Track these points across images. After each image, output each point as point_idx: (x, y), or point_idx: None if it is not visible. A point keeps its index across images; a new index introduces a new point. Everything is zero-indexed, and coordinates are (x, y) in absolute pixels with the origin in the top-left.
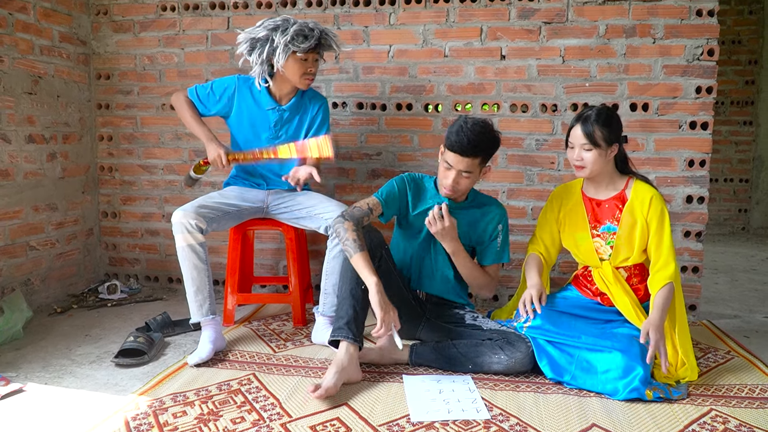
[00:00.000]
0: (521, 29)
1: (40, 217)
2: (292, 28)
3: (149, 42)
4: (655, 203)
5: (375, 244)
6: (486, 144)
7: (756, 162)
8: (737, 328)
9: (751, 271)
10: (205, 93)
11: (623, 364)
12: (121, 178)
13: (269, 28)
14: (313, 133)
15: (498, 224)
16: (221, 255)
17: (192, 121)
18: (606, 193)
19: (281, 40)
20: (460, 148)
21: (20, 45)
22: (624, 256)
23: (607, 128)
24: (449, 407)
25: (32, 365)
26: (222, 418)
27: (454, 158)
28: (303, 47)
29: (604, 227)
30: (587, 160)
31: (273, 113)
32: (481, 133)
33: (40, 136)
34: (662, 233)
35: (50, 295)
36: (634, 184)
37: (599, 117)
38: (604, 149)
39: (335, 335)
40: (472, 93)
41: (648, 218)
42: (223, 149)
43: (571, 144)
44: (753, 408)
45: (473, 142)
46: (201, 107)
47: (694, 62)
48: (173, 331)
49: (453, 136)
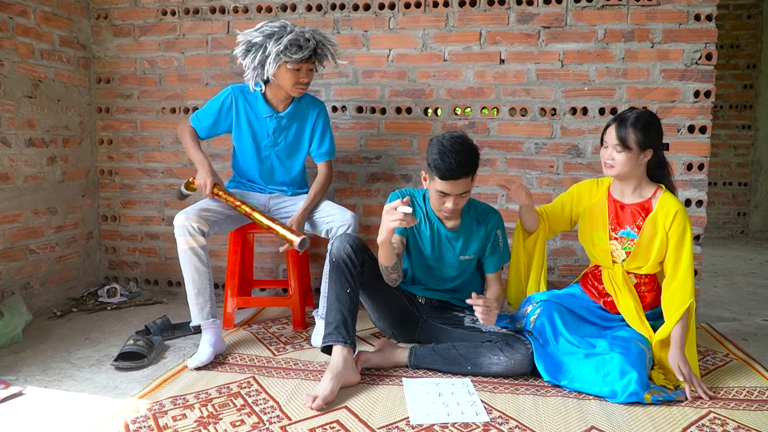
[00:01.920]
0: (520, 33)
1: (40, 220)
2: (287, 38)
3: (149, 46)
4: (679, 219)
5: (356, 248)
6: (473, 159)
7: (755, 166)
8: (736, 331)
9: (750, 275)
10: (204, 116)
11: (620, 367)
12: (121, 182)
13: (265, 34)
14: (317, 141)
15: (497, 230)
16: (221, 258)
17: (189, 147)
18: (631, 198)
19: (273, 49)
20: (452, 174)
21: (20, 49)
22: (638, 264)
23: (642, 132)
24: (448, 410)
25: (32, 368)
26: (222, 421)
27: (450, 186)
28: (295, 58)
29: (624, 231)
30: (617, 160)
31: (271, 120)
32: (464, 151)
33: (40, 139)
34: (681, 251)
35: (50, 298)
36: (661, 194)
37: (637, 120)
38: (636, 153)
39: (326, 341)
40: (471, 97)
41: (669, 233)
42: (211, 178)
43: (605, 143)
44: (751, 410)
45: (462, 162)
46: (205, 131)
47: (693, 66)
48: (173, 335)
49: (440, 163)
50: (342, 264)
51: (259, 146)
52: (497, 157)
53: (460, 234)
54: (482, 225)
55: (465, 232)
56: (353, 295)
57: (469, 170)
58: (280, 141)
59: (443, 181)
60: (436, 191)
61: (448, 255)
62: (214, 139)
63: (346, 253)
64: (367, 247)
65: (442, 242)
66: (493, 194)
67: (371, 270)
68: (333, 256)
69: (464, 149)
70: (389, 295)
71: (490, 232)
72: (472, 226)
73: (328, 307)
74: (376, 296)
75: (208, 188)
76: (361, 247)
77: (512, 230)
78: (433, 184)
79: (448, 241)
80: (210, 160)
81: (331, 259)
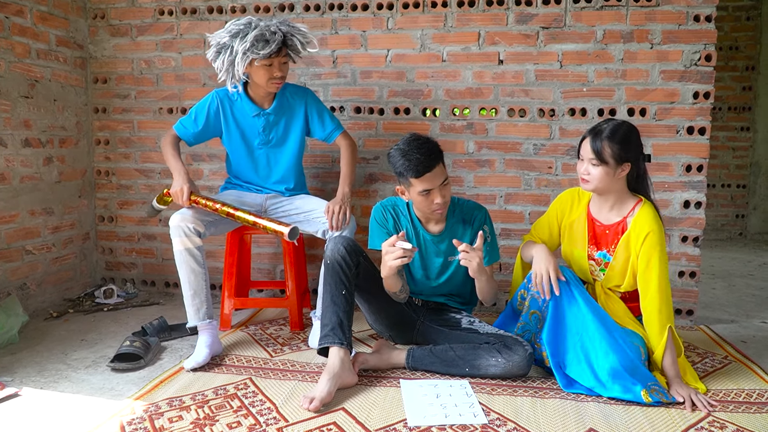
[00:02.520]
0: (519, 34)
1: (37, 221)
2: (251, 34)
3: (146, 46)
4: (650, 240)
5: (350, 250)
6: (434, 146)
7: (753, 168)
8: (734, 333)
9: (749, 277)
10: (191, 123)
11: (622, 380)
12: (117, 182)
13: (231, 33)
14: (318, 126)
15: (482, 225)
16: (218, 259)
17: (169, 155)
18: (609, 217)
19: (240, 47)
20: (424, 167)
21: (17, 49)
22: (615, 283)
23: (618, 145)
24: (446, 412)
25: (28, 370)
26: (218, 422)
27: (429, 179)
28: (263, 53)
29: (600, 253)
30: (593, 175)
31: (259, 119)
32: (422, 142)
33: (37, 140)
34: (650, 273)
35: (46, 299)
36: (638, 211)
37: (613, 133)
38: (613, 167)
39: (323, 342)
40: (469, 97)
41: (639, 255)
42: (188, 185)
43: (581, 156)
44: (750, 413)
45: (426, 152)
46: (194, 138)
47: (692, 67)
48: (170, 336)
49: (408, 164)
50: (336, 266)
51: (251, 146)
52: (495, 158)
53: (445, 237)
54: (468, 224)
55: (450, 234)
56: (348, 296)
57: (436, 156)
58: (272, 137)
59: (421, 179)
60: (418, 194)
61: (436, 259)
62: (211, 140)
63: (340, 255)
64: (362, 249)
65: (428, 247)
66: (491, 195)
67: (366, 272)
68: (327, 258)
69: (421, 141)
70: (385, 297)
71: (477, 230)
72: (458, 227)
73: (323, 309)
74: (372, 299)
75: (185, 195)
76: (356, 250)
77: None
78: (413, 189)
79: (434, 244)
80: (188, 170)
81: (326, 261)
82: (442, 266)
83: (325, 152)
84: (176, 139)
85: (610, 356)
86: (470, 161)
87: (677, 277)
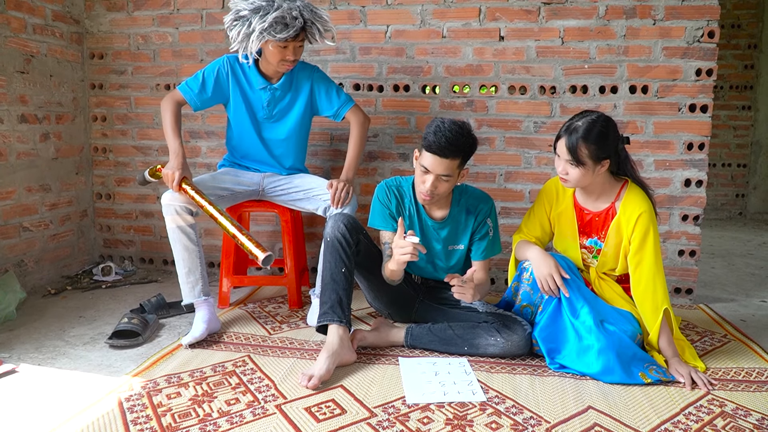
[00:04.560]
0: (520, 10)
1: (34, 197)
2: (272, 15)
3: (143, 21)
4: (642, 221)
5: (351, 228)
6: (464, 144)
7: (754, 147)
8: (734, 312)
9: (748, 256)
10: (198, 85)
11: (620, 369)
12: (115, 159)
13: (253, 7)
14: (324, 103)
15: (486, 218)
16: (216, 237)
17: (169, 129)
18: (596, 205)
19: (258, 25)
20: (438, 148)
21: (12, 23)
22: (609, 267)
23: (595, 145)
24: (445, 389)
25: (25, 346)
26: (216, 399)
27: (432, 161)
28: (279, 37)
29: (591, 240)
30: (572, 175)
31: (265, 92)
32: (459, 133)
33: (33, 116)
34: (643, 254)
35: (44, 276)
36: (626, 194)
37: (588, 133)
38: (591, 167)
39: (321, 320)
40: (470, 74)
41: (631, 238)
42: (180, 171)
43: (558, 154)
44: (750, 391)
45: (451, 141)
46: (200, 102)
47: (695, 44)
48: (168, 313)
49: (431, 136)
50: (336, 243)
51: (255, 118)
52: (496, 136)
53: (447, 224)
54: (472, 215)
55: (452, 222)
56: (348, 274)
57: (457, 152)
58: (276, 113)
59: (428, 154)
60: (420, 166)
61: (435, 245)
62: (209, 117)
63: (340, 232)
64: (362, 227)
65: (429, 233)
66: (491, 173)
67: (366, 250)
68: (327, 236)
69: (461, 132)
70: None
71: (480, 221)
72: (461, 216)
73: (323, 287)
74: (372, 277)
75: (175, 180)
76: (356, 227)
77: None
78: (420, 159)
79: (434, 231)
80: (185, 150)
81: (326, 239)
82: (442, 252)
83: (324, 129)
84: (179, 105)
85: (602, 357)
86: None
87: (677, 255)
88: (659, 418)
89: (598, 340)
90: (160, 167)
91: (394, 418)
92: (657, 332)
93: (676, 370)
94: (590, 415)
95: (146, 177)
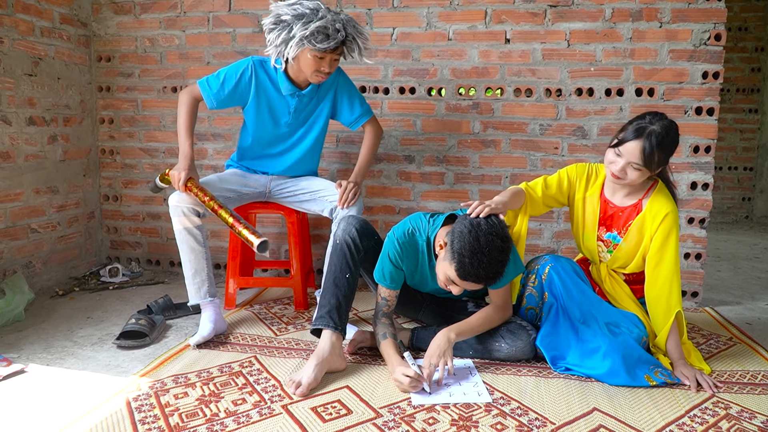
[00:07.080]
0: (526, 12)
1: (41, 199)
2: (315, 23)
3: (150, 24)
4: (667, 222)
5: (362, 233)
6: (497, 270)
7: (761, 150)
8: (739, 316)
9: (754, 259)
10: (219, 85)
11: (625, 372)
12: (122, 161)
13: (296, 13)
14: (346, 110)
15: None
16: (223, 239)
17: (183, 129)
18: (623, 201)
19: (299, 32)
20: (475, 280)
21: (20, 26)
22: (621, 264)
23: (667, 152)
24: (450, 390)
25: (34, 346)
26: (223, 399)
27: (465, 285)
28: (319, 47)
29: (609, 234)
30: (630, 176)
31: (292, 99)
32: (499, 261)
33: (41, 118)
34: (664, 254)
35: (52, 277)
36: (654, 193)
37: (662, 140)
38: (653, 170)
39: (317, 324)
40: (475, 77)
41: (654, 236)
42: (187, 171)
43: (620, 152)
44: (755, 394)
45: (491, 274)
46: (218, 101)
47: (701, 47)
48: (175, 314)
49: (468, 266)
50: (345, 247)
51: (278, 123)
52: (501, 139)
53: None
54: None
55: None
56: (352, 280)
57: (491, 280)
58: (301, 119)
59: (461, 280)
60: (446, 277)
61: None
62: (216, 119)
63: (351, 236)
64: (374, 231)
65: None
66: (497, 175)
67: (375, 253)
68: (337, 238)
69: (500, 257)
70: None
71: None
72: None
73: (324, 289)
74: None
75: (182, 181)
76: (367, 233)
77: None
78: (447, 269)
79: None
80: (194, 152)
81: (335, 241)
82: None
83: (331, 132)
84: (196, 102)
85: (607, 359)
86: (476, 141)
87: (683, 258)
88: (664, 420)
89: (604, 343)
90: (168, 172)
91: (400, 418)
92: (666, 334)
93: (682, 373)
94: (595, 416)
95: (158, 184)
